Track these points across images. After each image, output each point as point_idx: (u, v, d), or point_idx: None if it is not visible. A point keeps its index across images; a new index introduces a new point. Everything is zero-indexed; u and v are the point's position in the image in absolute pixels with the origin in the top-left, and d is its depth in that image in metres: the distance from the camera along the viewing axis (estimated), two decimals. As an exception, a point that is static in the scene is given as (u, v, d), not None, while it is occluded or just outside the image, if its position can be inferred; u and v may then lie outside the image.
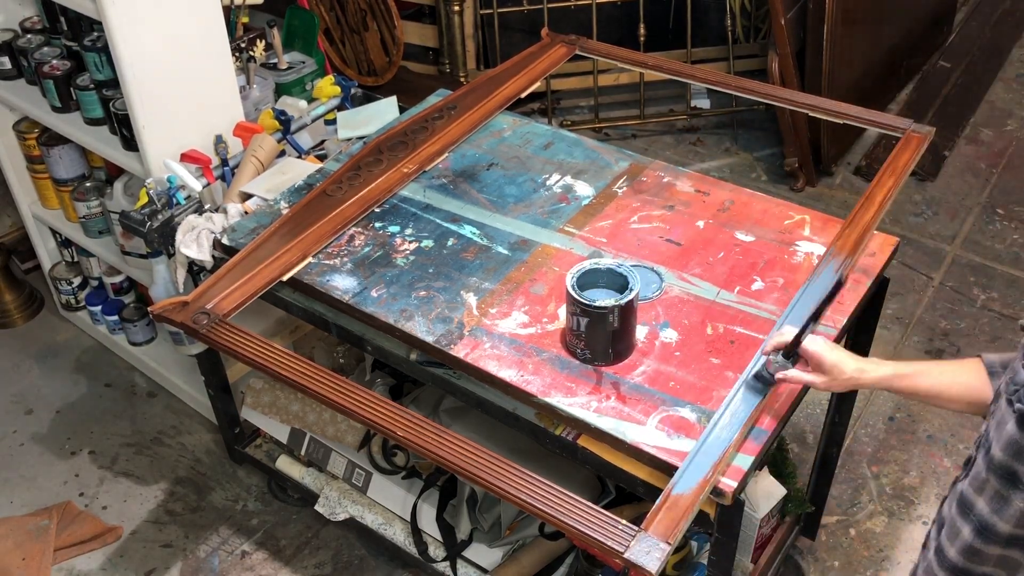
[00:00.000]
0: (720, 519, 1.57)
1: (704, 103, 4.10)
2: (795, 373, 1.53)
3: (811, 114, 2.25)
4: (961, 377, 1.45)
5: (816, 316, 1.57)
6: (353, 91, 2.53)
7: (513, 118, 2.37)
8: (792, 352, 1.54)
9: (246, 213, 2.15)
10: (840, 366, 1.49)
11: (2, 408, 2.93)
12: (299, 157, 2.39)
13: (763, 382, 1.59)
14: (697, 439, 1.53)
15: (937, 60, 4.25)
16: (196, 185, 2.18)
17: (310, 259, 1.95)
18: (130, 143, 2.38)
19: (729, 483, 1.49)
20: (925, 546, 1.48)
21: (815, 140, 3.65)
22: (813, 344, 1.52)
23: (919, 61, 4.21)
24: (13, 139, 2.82)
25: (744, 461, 1.53)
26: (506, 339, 1.75)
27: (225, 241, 2.06)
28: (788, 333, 1.55)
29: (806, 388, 1.67)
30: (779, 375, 1.54)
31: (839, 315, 1.78)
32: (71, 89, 2.49)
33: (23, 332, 3.20)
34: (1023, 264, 3.32)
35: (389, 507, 2.38)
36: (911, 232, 3.47)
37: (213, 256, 2.09)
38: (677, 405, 1.62)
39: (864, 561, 2.47)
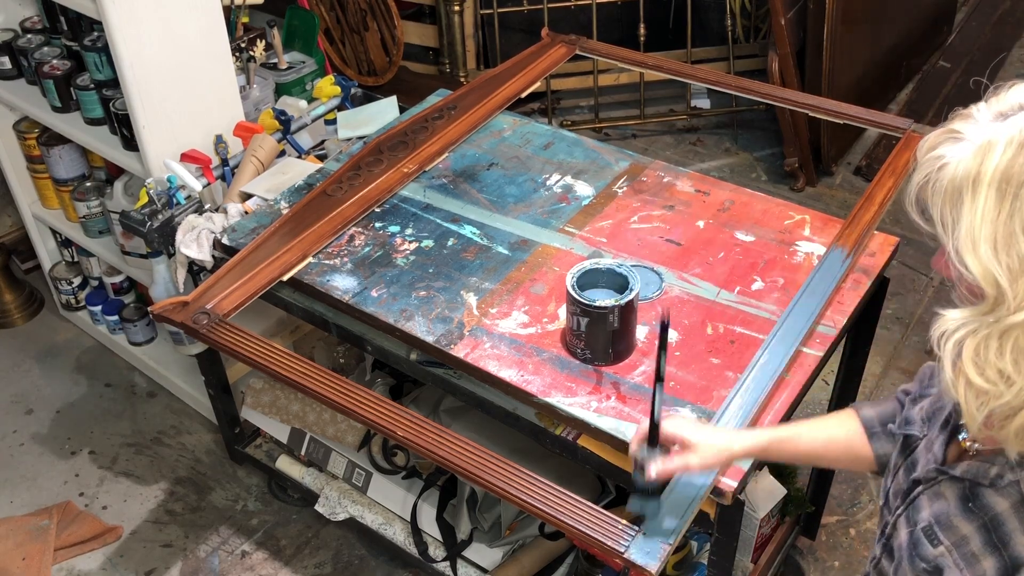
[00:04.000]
0: (720, 519, 1.57)
1: (704, 103, 4.10)
2: (665, 465, 1.35)
3: (811, 114, 2.25)
4: (839, 434, 1.42)
5: (659, 378, 1.33)
6: (353, 91, 2.53)
7: (513, 118, 2.37)
8: (655, 439, 1.36)
9: (246, 213, 2.15)
10: (707, 440, 1.36)
11: (2, 408, 2.93)
12: (299, 157, 2.39)
13: (644, 491, 1.38)
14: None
15: (937, 60, 4.25)
16: (196, 185, 2.18)
17: (310, 259, 1.95)
18: (130, 143, 2.38)
19: (729, 483, 1.48)
20: None
21: (815, 140, 3.65)
22: (672, 426, 1.37)
23: (919, 61, 4.21)
24: (13, 139, 2.81)
25: (744, 461, 1.52)
26: (506, 339, 1.75)
27: (225, 241, 2.06)
28: (644, 423, 1.38)
29: (806, 388, 1.68)
30: (653, 472, 1.35)
31: (839, 315, 1.78)
32: (71, 89, 2.49)
33: (23, 332, 3.20)
34: (1023, 264, 3.31)
35: (389, 507, 2.38)
36: (911, 232, 3.45)
37: (213, 256, 2.09)
38: (677, 405, 1.62)
39: (864, 561, 2.46)
